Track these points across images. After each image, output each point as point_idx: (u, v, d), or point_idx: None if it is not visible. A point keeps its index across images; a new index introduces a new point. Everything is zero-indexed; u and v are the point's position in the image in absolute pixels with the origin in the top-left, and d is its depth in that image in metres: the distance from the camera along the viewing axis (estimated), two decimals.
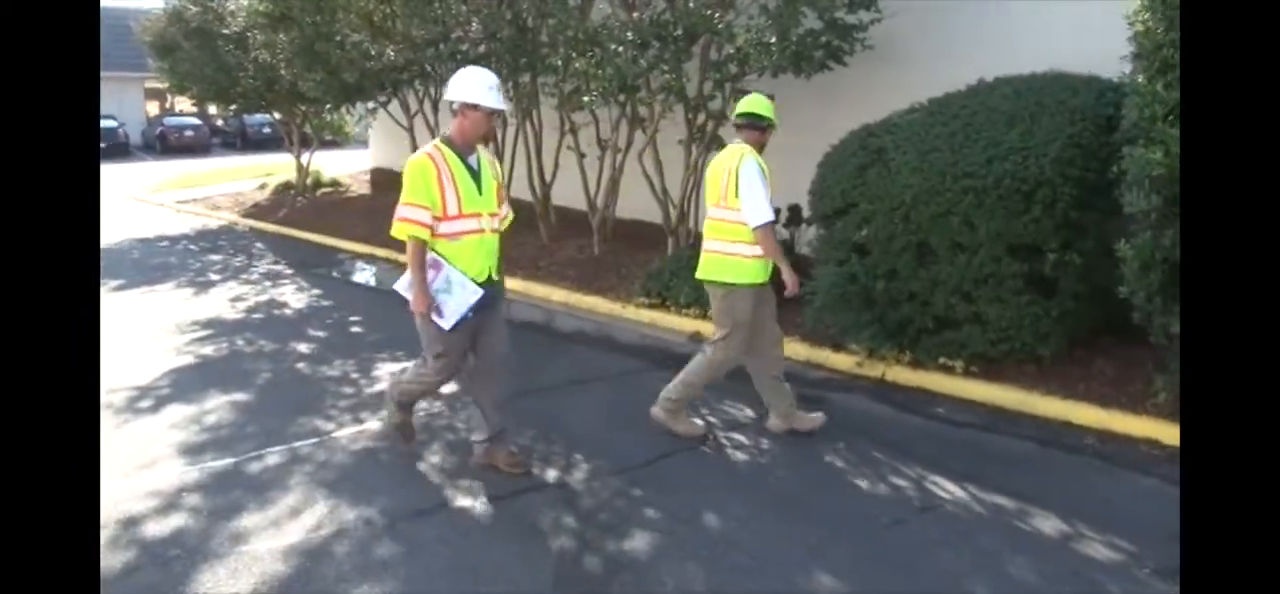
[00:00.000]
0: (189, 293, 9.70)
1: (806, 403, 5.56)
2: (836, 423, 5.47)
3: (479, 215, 4.54)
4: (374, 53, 11.99)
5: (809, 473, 4.88)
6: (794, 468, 4.94)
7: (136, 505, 4.43)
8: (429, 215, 4.40)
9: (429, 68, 11.94)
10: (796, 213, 8.20)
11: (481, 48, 10.51)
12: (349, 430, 5.51)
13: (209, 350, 7.34)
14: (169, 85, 19.34)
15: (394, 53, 11.80)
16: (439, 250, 4.48)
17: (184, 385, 6.35)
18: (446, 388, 6.28)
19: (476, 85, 4.46)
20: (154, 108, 40.22)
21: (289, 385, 6.46)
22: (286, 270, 11.17)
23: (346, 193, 17.94)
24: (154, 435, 5.39)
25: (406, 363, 6.85)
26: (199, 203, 17.94)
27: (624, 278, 9.27)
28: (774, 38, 7.65)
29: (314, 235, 13.65)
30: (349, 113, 17.39)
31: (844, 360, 6.61)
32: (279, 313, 8.83)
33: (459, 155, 4.51)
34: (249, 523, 4.30)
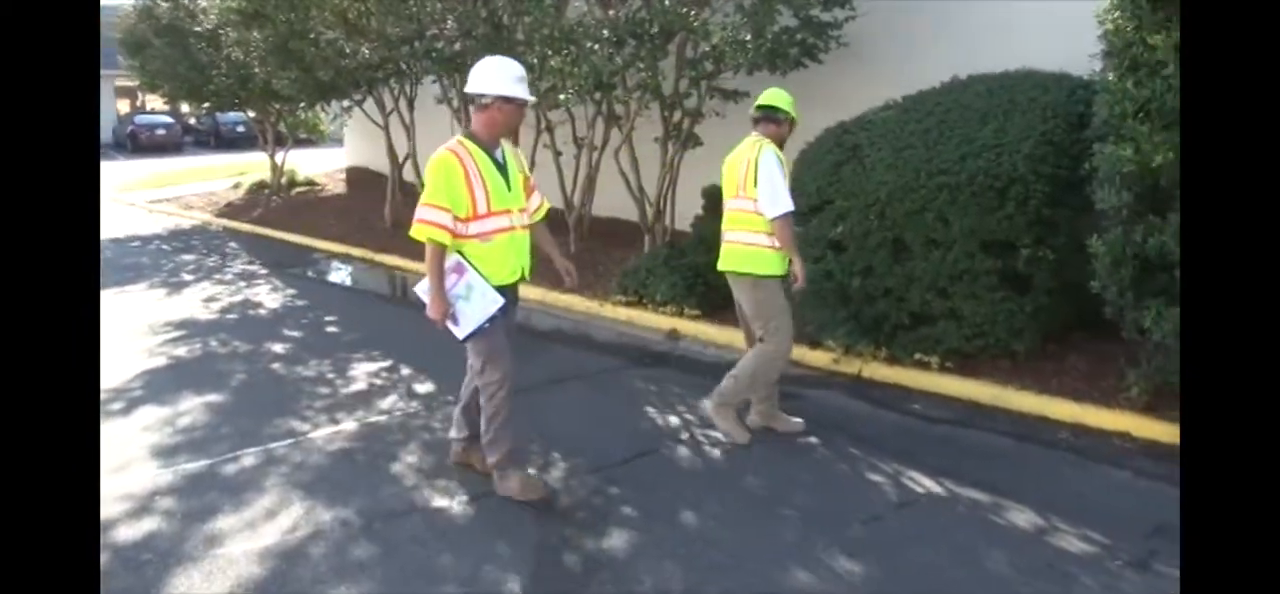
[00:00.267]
0: (162, 293, 9.61)
1: (783, 400, 5.57)
2: (813, 420, 5.48)
3: (509, 211, 4.34)
4: (349, 51, 11.90)
5: (786, 470, 4.89)
6: (771, 465, 4.96)
7: (108, 509, 4.38)
8: (450, 217, 4.17)
9: (404, 66, 11.88)
10: None
11: (457, 45, 10.48)
12: (325, 431, 5.48)
13: (182, 351, 7.28)
14: (140, 83, 19.15)
15: (369, 51, 11.72)
16: (468, 252, 4.26)
17: (157, 387, 6.29)
18: (423, 387, 6.28)
19: (505, 77, 4.25)
20: (124, 106, 39.82)
21: (264, 386, 6.41)
22: (261, 270, 11.08)
23: (322, 192, 17.83)
24: (126, 438, 5.33)
25: (382, 363, 6.84)
26: (171, 202, 17.78)
27: (601, 275, 9.26)
28: (749, 35, 7.66)
29: (289, 235, 13.55)
30: (324, 111, 17.22)
31: (820, 357, 6.63)
32: (253, 313, 8.76)
33: (485, 150, 4.30)
34: (223, 525, 4.27)
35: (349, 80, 12.52)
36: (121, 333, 7.83)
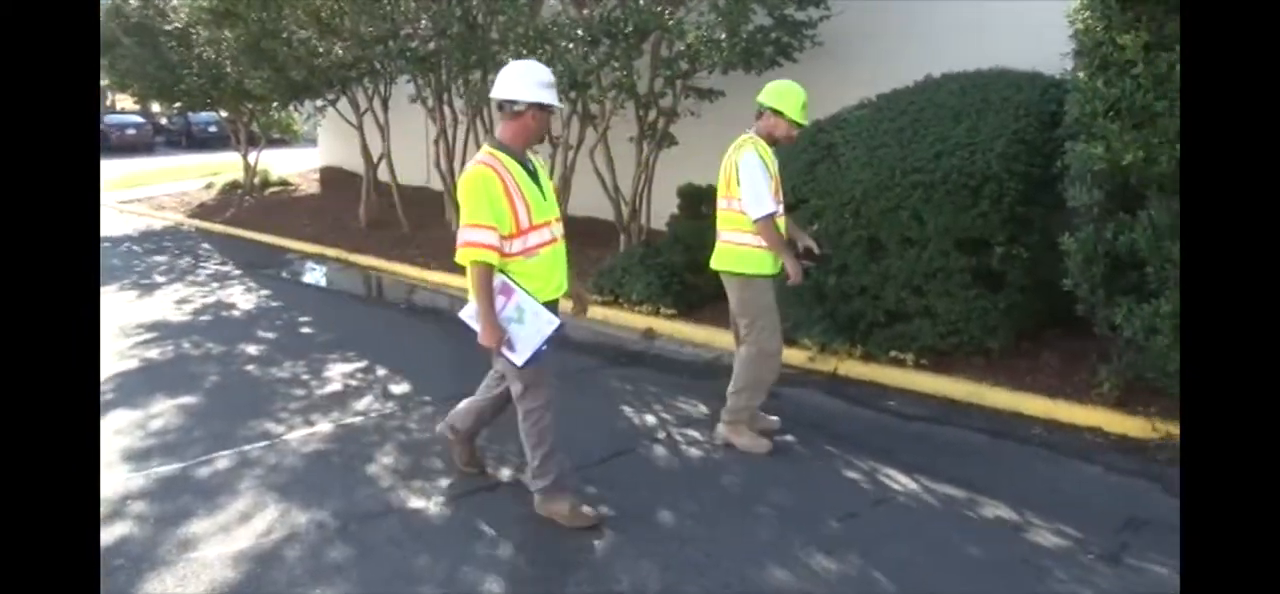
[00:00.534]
0: (133, 295, 9.51)
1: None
2: (789, 417, 5.50)
3: (548, 223, 4.12)
4: (322, 50, 11.83)
5: (762, 468, 4.91)
6: (747, 463, 4.97)
7: None
8: (496, 236, 3.90)
9: (378, 65, 11.82)
10: None
11: (431, 45, 10.44)
12: (300, 433, 5.44)
13: (154, 354, 7.21)
14: (109, 82, 18.92)
15: (342, 50, 11.65)
16: (513, 271, 3.99)
17: (129, 390, 6.23)
18: (398, 387, 6.25)
19: (535, 83, 4.01)
20: None
21: (238, 388, 6.36)
22: (234, 271, 11.00)
23: (295, 192, 17.70)
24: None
25: (357, 364, 6.80)
26: (142, 203, 17.59)
27: (576, 275, 9.22)
28: (724, 35, 7.68)
29: (262, 235, 13.45)
30: (297, 111, 17.13)
31: (796, 355, 6.65)
32: (227, 314, 8.69)
33: (517, 160, 4.06)
34: (197, 529, 4.23)
35: (322, 80, 12.44)
36: None
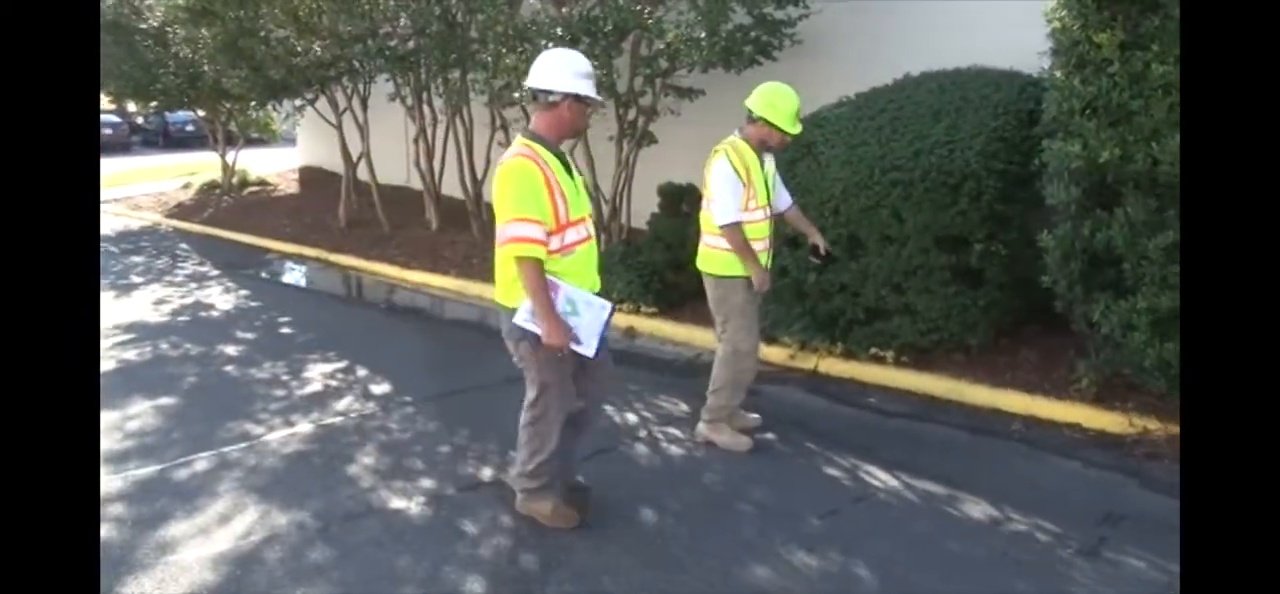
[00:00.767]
0: (110, 296, 9.42)
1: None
2: (770, 415, 5.51)
3: (584, 219, 3.98)
4: (300, 49, 11.76)
5: (743, 466, 4.92)
6: (728, 461, 4.98)
7: None
8: (543, 230, 3.73)
9: (357, 64, 11.76)
10: None
11: (411, 44, 10.40)
12: (280, 434, 5.42)
13: (132, 355, 7.15)
14: None
15: (321, 49, 11.59)
16: (554, 270, 3.83)
17: (106, 391, 6.17)
18: (379, 388, 6.23)
19: (572, 72, 3.85)
20: None
21: (217, 389, 6.32)
22: (212, 271, 10.92)
23: (274, 192, 17.58)
24: None
25: (337, 364, 6.77)
26: (119, 203, 17.42)
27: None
28: (703, 33, 7.68)
29: (241, 235, 13.36)
30: (275, 110, 16.99)
31: (777, 353, 6.66)
32: (205, 315, 8.63)
33: (553, 153, 3.89)
34: (176, 531, 4.21)
35: (301, 79, 12.36)
36: None
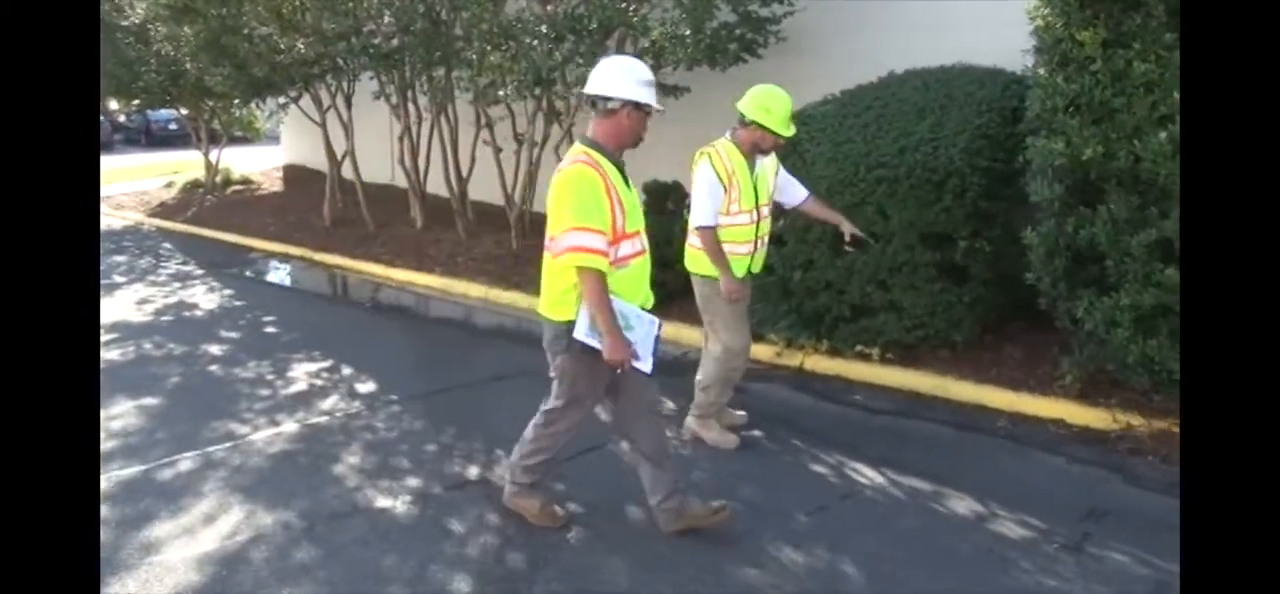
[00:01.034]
0: None
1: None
2: (757, 413, 5.52)
3: (639, 233, 3.84)
4: (283, 46, 11.70)
5: (730, 463, 4.92)
6: (715, 459, 4.99)
7: None
8: (605, 241, 3.61)
9: (341, 62, 11.70)
10: None
11: (394, 41, 10.36)
12: (265, 433, 5.39)
13: (115, 355, 7.10)
14: None
15: (304, 47, 11.53)
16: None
17: None
18: (364, 387, 6.21)
19: (634, 79, 3.74)
20: None
21: (201, 389, 6.28)
22: (196, 271, 10.85)
23: (258, 190, 17.48)
24: None
25: (322, 363, 6.75)
26: (102, 202, 17.31)
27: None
28: (688, 31, 7.69)
29: (225, 234, 13.27)
30: (259, 108, 16.89)
31: (763, 350, 6.67)
32: (189, 314, 8.58)
33: (612, 161, 3.76)
34: (161, 532, 4.18)
35: (284, 77, 12.30)
36: None
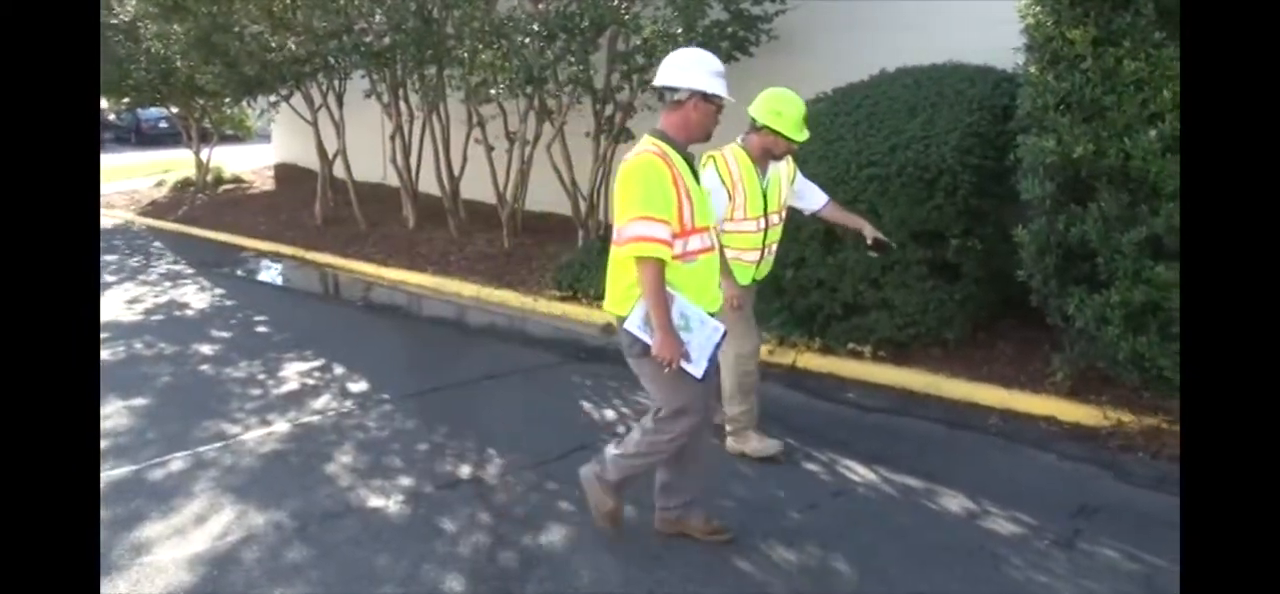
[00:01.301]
0: None
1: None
2: None
3: (708, 228, 3.74)
4: (274, 45, 11.67)
5: (723, 462, 4.92)
6: (708, 458, 4.97)
7: None
8: (670, 232, 3.52)
9: (332, 60, 11.67)
10: None
11: (386, 40, 10.35)
12: (256, 433, 5.38)
13: (105, 354, 7.07)
14: None
15: (295, 45, 11.51)
16: (670, 278, 3.57)
17: None
18: (356, 386, 6.20)
19: (704, 70, 3.69)
20: None
21: (192, 389, 6.26)
22: (187, 270, 10.82)
23: (249, 189, 17.45)
24: None
25: (314, 362, 6.73)
26: None
27: (535, 271, 9.22)
28: (680, 29, 7.69)
29: (216, 233, 13.25)
30: (250, 106, 16.84)
31: None
32: (180, 314, 8.55)
33: (682, 154, 3.70)
34: (152, 532, 4.17)
35: (275, 75, 12.26)
36: None
